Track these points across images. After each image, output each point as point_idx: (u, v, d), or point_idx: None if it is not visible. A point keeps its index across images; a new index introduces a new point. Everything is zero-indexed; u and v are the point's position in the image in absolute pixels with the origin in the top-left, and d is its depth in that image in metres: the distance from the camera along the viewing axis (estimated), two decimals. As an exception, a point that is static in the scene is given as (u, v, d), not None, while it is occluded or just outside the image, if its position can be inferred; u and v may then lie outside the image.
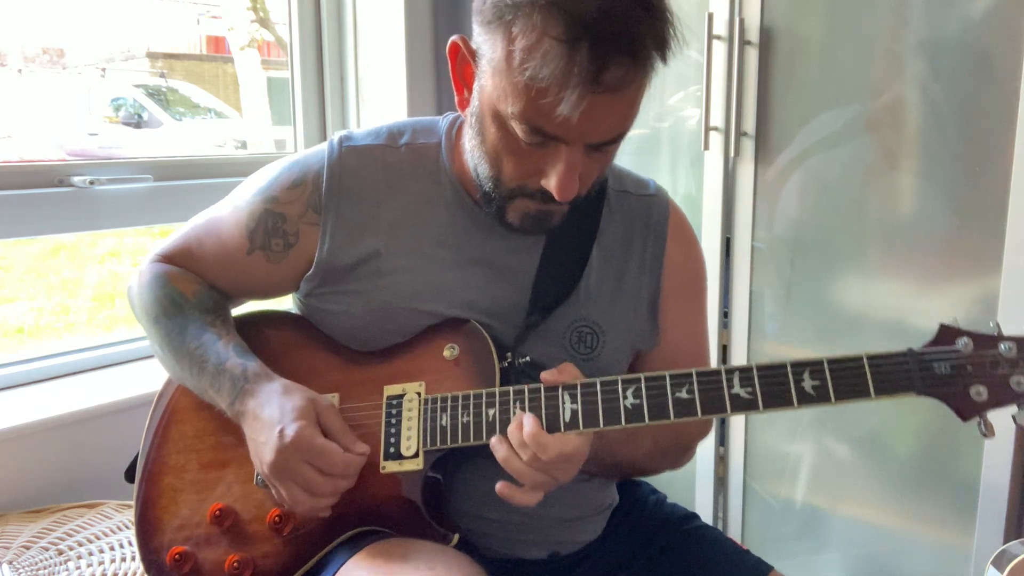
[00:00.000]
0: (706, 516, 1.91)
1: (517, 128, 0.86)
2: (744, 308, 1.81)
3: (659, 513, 1.14)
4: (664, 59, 0.85)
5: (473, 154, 0.94)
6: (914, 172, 1.60)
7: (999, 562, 1.15)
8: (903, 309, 1.62)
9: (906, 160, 1.61)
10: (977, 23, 1.49)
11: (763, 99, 1.72)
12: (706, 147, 1.78)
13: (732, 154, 1.76)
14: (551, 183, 0.87)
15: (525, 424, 0.87)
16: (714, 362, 1.77)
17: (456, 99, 0.95)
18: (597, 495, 1.09)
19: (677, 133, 1.91)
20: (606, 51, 0.79)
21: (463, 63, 0.92)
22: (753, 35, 1.70)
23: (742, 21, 1.70)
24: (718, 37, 1.73)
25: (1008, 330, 0.82)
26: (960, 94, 1.51)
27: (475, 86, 0.90)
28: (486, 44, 0.86)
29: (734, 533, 1.91)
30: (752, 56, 1.71)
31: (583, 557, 1.07)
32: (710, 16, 1.72)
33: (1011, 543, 1.19)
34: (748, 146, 1.75)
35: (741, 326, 1.82)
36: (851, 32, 1.64)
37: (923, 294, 1.60)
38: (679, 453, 1.10)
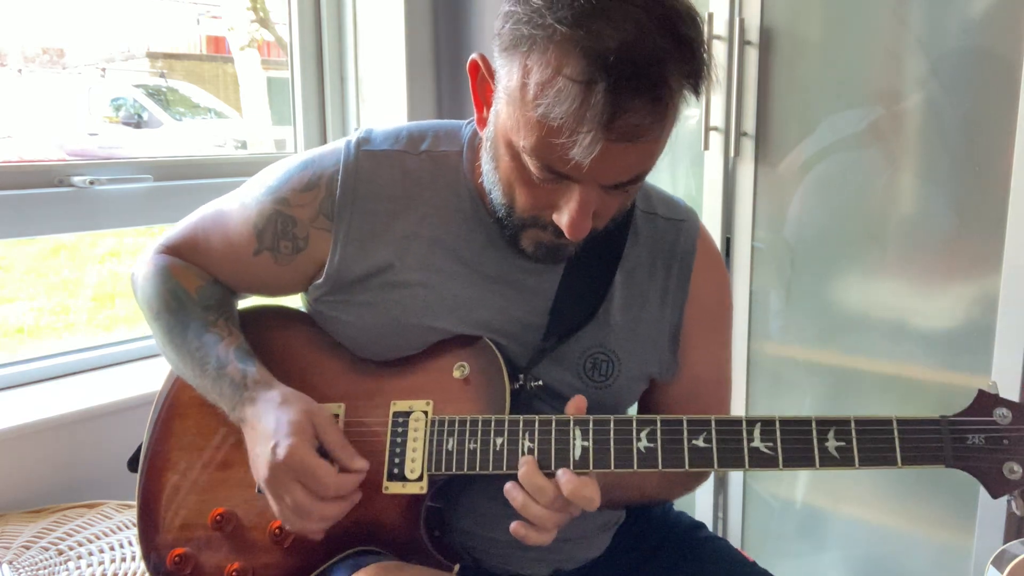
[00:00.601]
0: (706, 517, 1.91)
1: (529, 163, 0.81)
2: (744, 308, 1.81)
3: (665, 522, 1.12)
4: (696, 93, 0.80)
5: (488, 178, 0.90)
6: (914, 172, 1.60)
7: (999, 562, 1.15)
8: (903, 309, 1.62)
9: (906, 160, 1.61)
10: (977, 23, 1.49)
11: (763, 99, 1.72)
12: (706, 147, 1.78)
13: (732, 154, 1.76)
14: (562, 220, 0.83)
15: (563, 479, 0.83)
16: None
17: (475, 116, 0.91)
18: (603, 514, 1.06)
19: (677, 133, 1.89)
20: (624, 95, 0.73)
21: (483, 82, 0.88)
22: (753, 35, 1.70)
23: (742, 21, 1.70)
24: (718, 37, 1.73)
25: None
26: (960, 94, 1.51)
27: (492, 110, 0.86)
28: (503, 70, 0.81)
29: (734, 533, 1.91)
30: (752, 56, 1.71)
31: (587, 572, 1.06)
32: (710, 16, 1.72)
33: (1011, 543, 1.19)
34: (748, 146, 1.75)
35: (741, 326, 1.82)
36: (851, 32, 1.64)
37: (923, 294, 1.60)
38: (692, 480, 1.08)
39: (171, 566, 0.96)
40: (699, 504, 1.93)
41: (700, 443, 0.83)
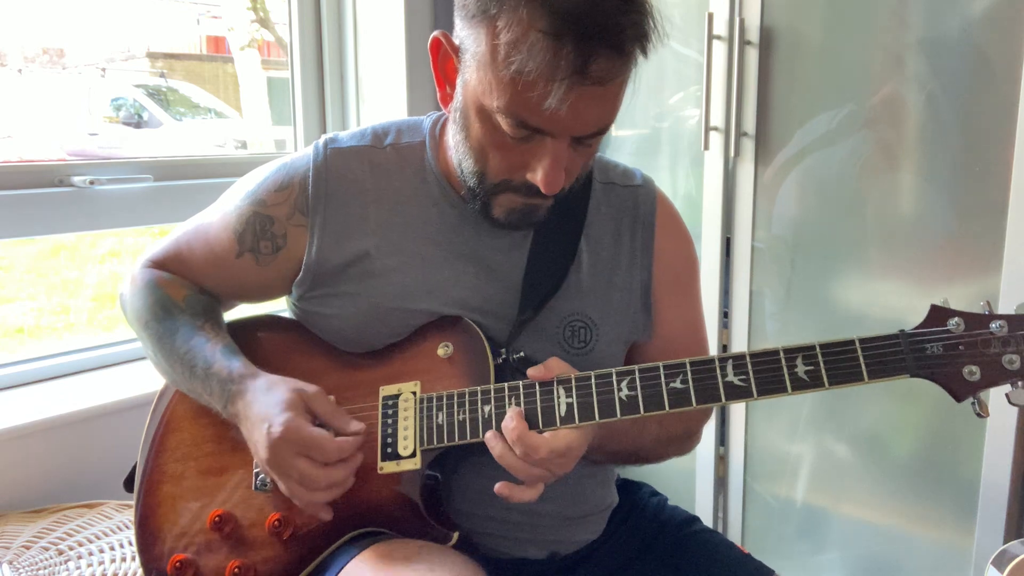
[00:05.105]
0: (706, 516, 1.91)
1: (503, 122, 0.86)
2: (744, 308, 1.81)
3: (659, 516, 1.13)
4: (645, 53, 0.85)
5: (457, 150, 0.94)
6: (914, 172, 1.60)
7: (999, 562, 1.15)
8: (903, 309, 1.62)
9: (906, 160, 1.61)
10: (977, 23, 1.49)
11: (763, 99, 1.72)
12: (706, 147, 1.78)
13: (732, 154, 1.76)
14: (537, 176, 0.88)
15: (509, 422, 0.87)
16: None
17: (438, 95, 0.95)
18: (596, 494, 1.09)
19: (677, 133, 1.91)
20: (592, 43, 0.80)
21: (445, 59, 0.92)
22: (753, 35, 1.70)
23: (742, 21, 1.70)
24: (718, 37, 1.73)
25: (1000, 310, 0.83)
26: (960, 94, 1.51)
27: (458, 81, 0.90)
28: (469, 39, 0.86)
29: (734, 533, 1.91)
30: (752, 56, 1.71)
31: (582, 559, 1.07)
32: (710, 16, 1.72)
33: (1011, 543, 1.19)
34: (748, 146, 1.75)
35: (741, 326, 1.82)
36: (851, 32, 1.64)
37: (923, 294, 1.60)
38: (684, 439, 1.10)
39: (172, 572, 0.97)
40: (699, 504, 1.93)
41: (678, 384, 0.87)
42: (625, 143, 2.02)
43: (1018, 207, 1.43)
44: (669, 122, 1.92)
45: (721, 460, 1.92)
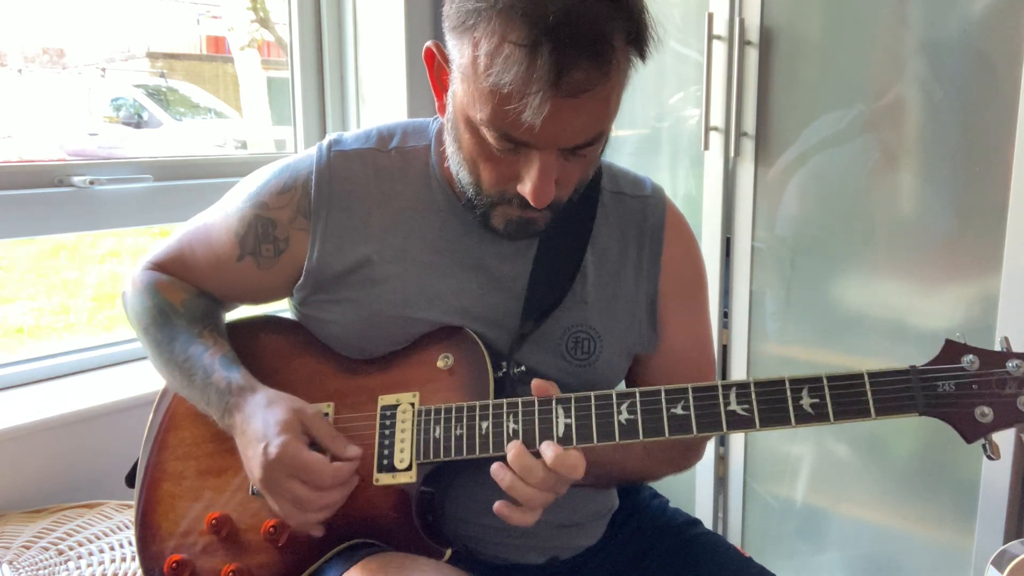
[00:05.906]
0: (706, 516, 1.91)
1: (488, 135, 0.84)
2: (744, 308, 1.81)
3: (660, 518, 1.12)
4: (642, 56, 0.83)
5: (453, 160, 0.92)
6: (914, 172, 1.60)
7: (999, 562, 1.15)
8: (903, 309, 1.62)
9: (906, 160, 1.61)
10: (977, 23, 1.49)
11: (763, 99, 1.72)
12: (706, 147, 1.78)
13: (732, 154, 1.76)
14: (525, 189, 0.85)
15: (546, 451, 0.84)
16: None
17: (436, 104, 0.94)
18: (596, 500, 1.07)
19: (677, 133, 1.91)
20: (567, 54, 0.76)
21: (439, 69, 0.91)
22: (753, 35, 1.70)
23: (742, 21, 1.70)
24: (718, 37, 1.73)
25: (1013, 338, 0.80)
26: (960, 94, 1.51)
27: (449, 91, 0.89)
28: (455, 50, 0.84)
29: (734, 533, 1.91)
30: (752, 56, 1.71)
31: (582, 563, 1.06)
32: (710, 16, 1.72)
33: (1011, 543, 1.19)
34: (748, 146, 1.75)
35: (741, 326, 1.82)
36: (851, 32, 1.64)
37: (923, 294, 1.60)
38: (679, 458, 1.08)
39: (168, 573, 0.97)
40: (699, 504, 1.93)
41: (679, 411, 0.85)
42: (625, 143, 2.02)
43: (1018, 207, 1.43)
44: (669, 122, 1.92)
45: (721, 460, 1.92)
